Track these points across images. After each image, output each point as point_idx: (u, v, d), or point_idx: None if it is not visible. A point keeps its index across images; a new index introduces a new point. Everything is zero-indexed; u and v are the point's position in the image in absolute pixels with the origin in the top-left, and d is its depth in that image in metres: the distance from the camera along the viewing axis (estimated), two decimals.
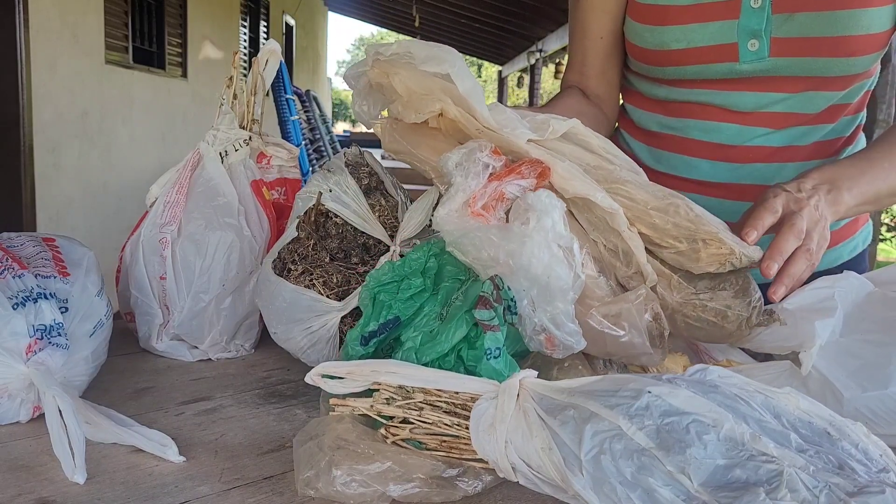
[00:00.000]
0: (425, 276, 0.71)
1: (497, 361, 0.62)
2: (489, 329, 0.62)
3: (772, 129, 1.03)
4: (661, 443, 0.47)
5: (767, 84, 1.00)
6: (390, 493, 0.56)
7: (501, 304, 0.62)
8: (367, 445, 0.58)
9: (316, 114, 4.39)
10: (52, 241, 0.80)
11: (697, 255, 0.73)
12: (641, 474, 0.46)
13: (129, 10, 5.09)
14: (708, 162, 1.07)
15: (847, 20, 0.93)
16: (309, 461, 0.57)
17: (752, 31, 0.97)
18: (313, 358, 0.82)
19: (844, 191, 0.84)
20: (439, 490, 0.56)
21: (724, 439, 0.47)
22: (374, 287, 0.70)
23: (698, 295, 0.75)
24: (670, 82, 1.06)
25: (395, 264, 0.70)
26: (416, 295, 0.70)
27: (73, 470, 0.59)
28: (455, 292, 0.69)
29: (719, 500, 0.44)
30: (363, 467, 0.56)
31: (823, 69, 0.97)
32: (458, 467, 0.58)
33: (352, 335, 0.69)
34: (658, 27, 1.01)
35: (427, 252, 0.71)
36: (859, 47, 0.95)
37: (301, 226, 0.85)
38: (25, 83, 3.81)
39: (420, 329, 0.66)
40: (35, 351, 0.67)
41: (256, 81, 1.01)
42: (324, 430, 0.60)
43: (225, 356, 0.91)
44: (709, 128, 1.05)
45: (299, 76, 11.06)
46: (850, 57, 0.96)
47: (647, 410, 0.49)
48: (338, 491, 0.55)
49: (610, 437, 0.48)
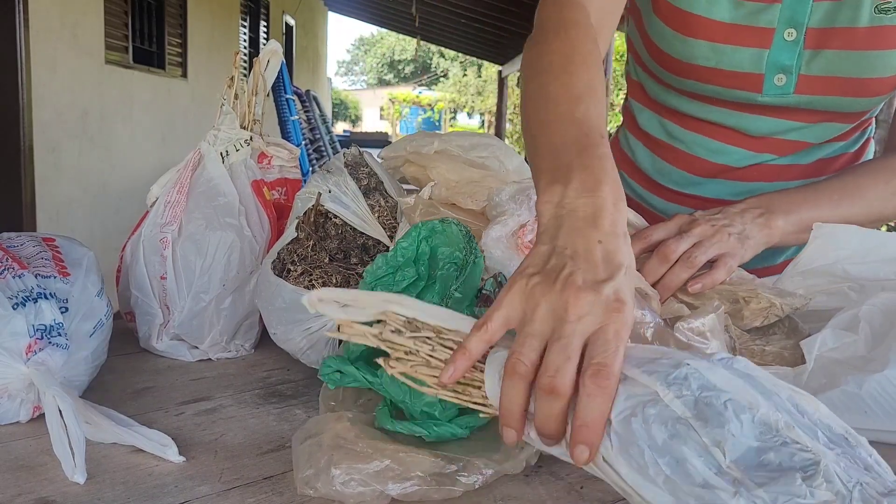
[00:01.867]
0: (418, 264, 0.69)
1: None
2: None
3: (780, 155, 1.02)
4: (698, 413, 0.46)
5: (785, 113, 0.98)
6: (389, 492, 0.55)
7: None
8: (365, 444, 0.57)
9: (316, 114, 4.40)
10: (52, 241, 0.80)
11: (741, 314, 0.77)
12: (674, 442, 0.45)
13: (129, 10, 5.09)
14: (711, 181, 1.06)
15: (876, 61, 0.91)
16: (308, 460, 0.57)
17: (782, 66, 0.94)
18: (313, 358, 0.82)
19: (780, 215, 0.85)
20: (438, 487, 0.56)
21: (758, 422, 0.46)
22: (371, 282, 0.70)
23: (755, 341, 0.78)
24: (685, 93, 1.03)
25: (388, 256, 0.69)
26: (412, 286, 0.69)
27: (73, 470, 0.59)
28: (452, 280, 0.68)
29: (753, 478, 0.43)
30: (362, 466, 0.56)
31: (845, 107, 0.96)
32: (457, 463, 0.58)
33: None
34: (689, 39, 0.96)
35: (417, 237, 0.69)
36: (883, 88, 0.93)
37: (300, 226, 0.85)
38: (25, 83, 3.81)
39: None
40: (35, 351, 0.67)
41: (257, 82, 1.01)
42: (322, 428, 0.60)
43: (225, 356, 0.91)
44: (716, 148, 1.03)
45: (299, 76, 11.06)
46: (872, 97, 0.94)
47: (685, 381, 0.48)
48: (337, 490, 0.55)
49: (644, 402, 0.47)
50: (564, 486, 0.61)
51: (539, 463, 0.64)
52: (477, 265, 0.66)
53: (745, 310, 0.76)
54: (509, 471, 0.60)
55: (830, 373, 0.71)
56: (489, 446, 0.62)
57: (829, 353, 0.73)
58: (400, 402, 0.63)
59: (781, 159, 1.02)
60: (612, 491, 0.61)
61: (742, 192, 1.03)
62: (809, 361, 0.73)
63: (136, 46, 5.25)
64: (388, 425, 0.62)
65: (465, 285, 0.65)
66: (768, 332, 0.79)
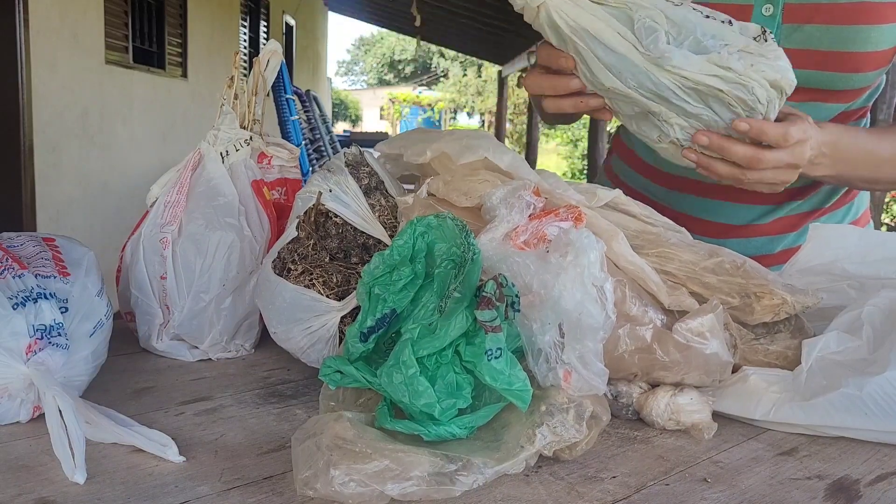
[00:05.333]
0: (415, 262, 0.69)
1: (498, 362, 0.62)
2: (491, 330, 0.61)
3: None
4: None
5: None
6: (388, 493, 0.55)
7: (504, 302, 0.62)
8: (364, 444, 0.57)
9: (316, 114, 4.40)
10: (52, 241, 0.80)
11: (751, 309, 0.76)
12: None
13: (129, 10, 5.09)
14: None
15: (856, 36, 0.92)
16: (307, 461, 0.57)
17: None
18: (313, 358, 0.82)
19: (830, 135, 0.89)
20: (438, 487, 0.56)
21: None
22: (369, 282, 0.69)
23: (758, 340, 0.78)
24: None
25: (385, 254, 0.69)
26: (409, 284, 0.69)
27: (73, 470, 0.59)
28: (450, 279, 0.68)
29: None
30: (361, 466, 0.56)
31: (827, 83, 0.96)
32: (456, 462, 0.58)
33: (350, 332, 0.69)
34: None
35: (413, 234, 0.69)
36: (865, 64, 0.94)
37: (301, 225, 0.85)
38: (25, 83, 3.81)
39: (419, 321, 0.65)
40: (35, 351, 0.67)
41: (258, 81, 1.01)
42: (322, 428, 0.59)
43: (225, 356, 0.91)
44: None
45: (299, 76, 11.06)
46: (854, 73, 0.95)
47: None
48: (336, 491, 0.55)
49: None
50: (564, 486, 0.61)
51: (539, 463, 0.64)
52: (475, 262, 0.66)
53: (755, 304, 0.76)
54: (509, 471, 0.60)
55: (831, 374, 0.71)
56: (489, 446, 0.62)
57: (830, 355, 0.73)
58: (399, 401, 0.63)
59: None
60: (612, 491, 0.61)
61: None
62: (806, 363, 0.72)
63: (136, 46, 5.24)
64: (388, 424, 0.62)
65: (464, 285, 0.65)
66: (773, 330, 0.78)
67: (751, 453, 0.69)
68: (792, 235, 1.10)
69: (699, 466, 0.66)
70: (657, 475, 0.64)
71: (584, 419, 0.64)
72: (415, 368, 0.61)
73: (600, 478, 0.63)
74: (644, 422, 0.74)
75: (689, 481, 0.63)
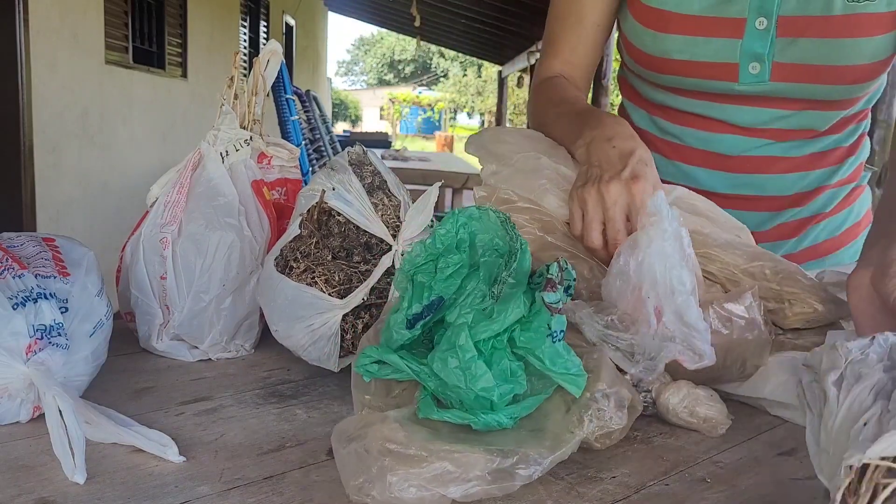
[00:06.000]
0: (460, 251, 0.68)
1: (561, 344, 0.61)
2: (556, 312, 0.61)
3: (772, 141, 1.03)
4: None
5: (767, 102, 0.99)
6: (450, 495, 0.54)
7: (563, 285, 0.62)
8: (418, 447, 0.56)
9: (316, 114, 4.40)
10: (52, 241, 0.79)
11: (785, 314, 0.78)
12: None
13: (129, 10, 5.09)
14: (704, 171, 1.07)
15: (851, 49, 0.91)
16: (357, 467, 0.55)
17: (755, 53, 0.95)
18: (314, 355, 0.82)
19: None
20: (499, 484, 0.55)
21: None
22: (410, 270, 0.68)
23: (786, 333, 0.80)
24: (669, 89, 1.05)
25: (427, 243, 0.68)
26: (456, 272, 0.68)
27: (73, 470, 0.59)
28: (499, 268, 0.67)
29: None
30: (419, 471, 0.54)
31: (824, 95, 0.96)
32: (512, 456, 0.56)
33: (396, 320, 0.67)
34: (660, 34, 0.99)
35: (455, 223, 0.69)
36: (861, 76, 0.94)
37: (304, 223, 0.85)
38: (25, 83, 3.81)
39: (473, 307, 0.64)
40: (35, 351, 0.67)
41: (258, 82, 1.01)
42: (366, 431, 0.58)
43: (225, 356, 0.90)
44: (707, 138, 1.05)
45: (299, 76, 11.06)
46: (850, 85, 0.95)
47: None
48: (395, 497, 0.53)
49: None
50: (564, 486, 0.61)
51: None
52: (524, 251, 0.66)
53: (787, 310, 0.78)
54: (562, 458, 0.59)
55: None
56: (534, 436, 0.61)
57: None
58: (454, 387, 0.61)
59: (773, 149, 1.02)
60: (612, 491, 0.61)
61: (736, 184, 1.05)
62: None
63: (136, 46, 5.24)
64: (435, 415, 0.61)
65: (518, 273, 0.64)
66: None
67: (751, 453, 0.69)
68: (792, 241, 1.10)
69: (699, 466, 0.66)
70: (657, 475, 0.64)
71: (625, 407, 0.63)
72: (472, 353, 0.60)
73: (600, 478, 0.63)
74: (657, 412, 0.74)
75: (689, 481, 0.63)
